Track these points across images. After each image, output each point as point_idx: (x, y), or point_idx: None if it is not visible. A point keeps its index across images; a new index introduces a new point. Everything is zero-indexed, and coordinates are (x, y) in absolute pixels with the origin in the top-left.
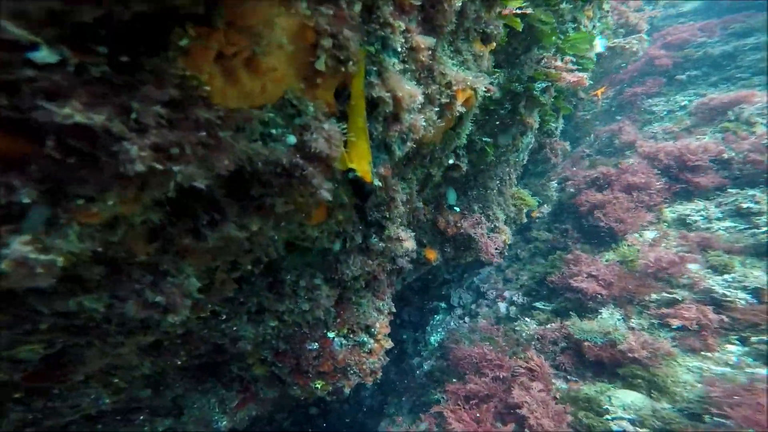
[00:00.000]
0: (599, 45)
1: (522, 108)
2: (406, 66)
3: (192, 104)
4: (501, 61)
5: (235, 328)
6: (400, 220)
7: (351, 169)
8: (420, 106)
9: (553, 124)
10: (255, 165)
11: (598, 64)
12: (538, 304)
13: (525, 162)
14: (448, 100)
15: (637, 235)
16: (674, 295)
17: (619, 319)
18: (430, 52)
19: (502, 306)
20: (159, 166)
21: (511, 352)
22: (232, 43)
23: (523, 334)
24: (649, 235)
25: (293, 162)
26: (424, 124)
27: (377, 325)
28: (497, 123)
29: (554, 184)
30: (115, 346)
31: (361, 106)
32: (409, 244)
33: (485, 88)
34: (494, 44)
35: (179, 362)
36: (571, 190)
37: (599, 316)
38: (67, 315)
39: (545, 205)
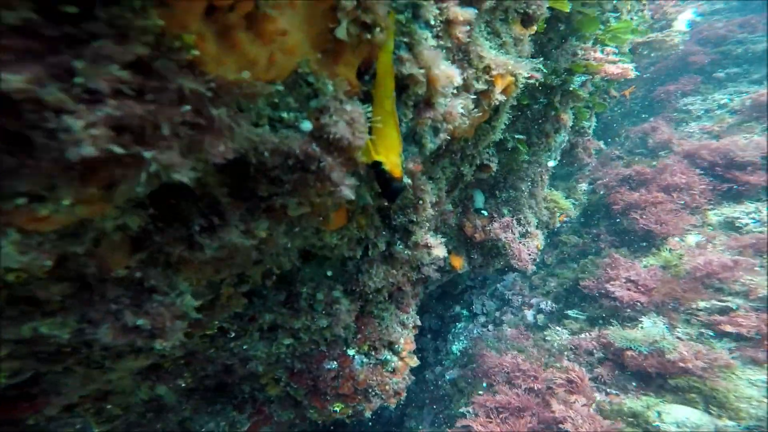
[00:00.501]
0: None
1: (557, 103)
2: (440, 43)
3: (170, 69)
4: (534, 53)
5: (245, 347)
6: (428, 224)
7: (377, 162)
8: (455, 92)
9: (587, 122)
10: (261, 155)
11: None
12: (570, 313)
13: (557, 162)
14: (485, 87)
15: (678, 239)
16: (727, 303)
17: (663, 327)
18: (468, 29)
19: (529, 314)
20: (120, 150)
21: (545, 362)
22: None
23: (555, 344)
24: (693, 239)
25: (309, 152)
26: (461, 111)
27: (401, 341)
28: (530, 119)
29: (583, 186)
30: (102, 371)
31: (390, 85)
32: (439, 251)
33: (528, 74)
34: (535, 27)
35: (183, 384)
36: (602, 191)
37: (640, 325)
38: (30, 341)
39: (572, 209)
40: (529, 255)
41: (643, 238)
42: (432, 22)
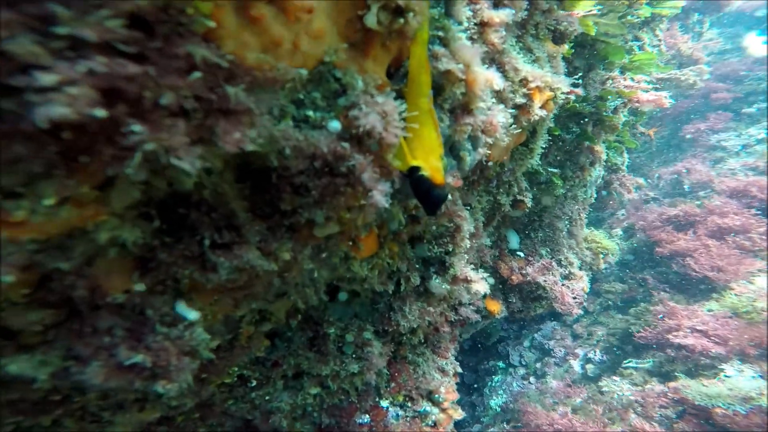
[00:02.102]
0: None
1: (591, 132)
2: (474, 47)
3: (178, 33)
4: None
5: (267, 398)
6: (467, 256)
7: (414, 167)
8: (493, 101)
9: (619, 158)
10: (284, 156)
11: None
12: (630, 363)
13: (594, 200)
14: (524, 101)
15: (745, 282)
16: None
17: (753, 377)
18: (503, 35)
19: (576, 364)
20: (99, 113)
21: (606, 419)
22: None
23: (615, 397)
24: (762, 281)
25: (337, 151)
26: (502, 120)
27: (441, 389)
28: (563, 151)
29: (618, 231)
30: (99, 425)
31: (426, 80)
32: (480, 286)
33: (567, 89)
34: (566, 47)
35: None
36: (643, 235)
37: (721, 374)
38: (4, 384)
39: (610, 255)
40: (575, 298)
41: (700, 284)
42: (465, 24)
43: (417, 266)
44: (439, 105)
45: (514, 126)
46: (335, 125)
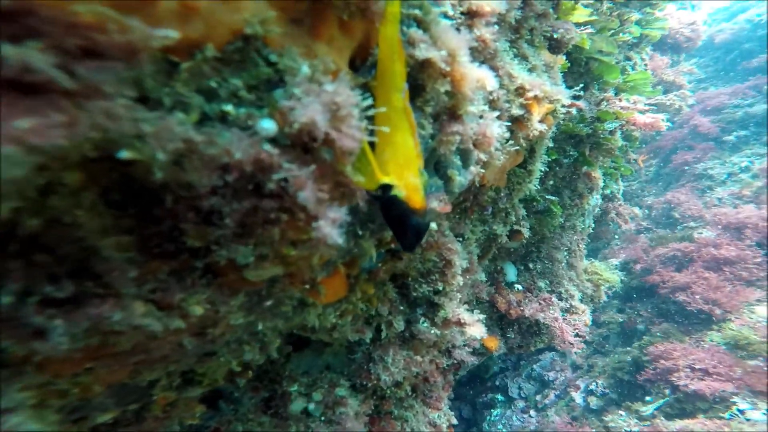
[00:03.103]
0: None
1: (588, 156)
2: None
3: None
4: None
5: None
6: (459, 295)
7: (385, 186)
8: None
9: (614, 186)
10: (174, 169)
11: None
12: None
13: (592, 230)
14: (521, 113)
15: (746, 312)
16: None
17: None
18: (494, 31)
19: (578, 396)
20: None
21: None
22: None
23: None
24: (763, 310)
25: (261, 158)
26: (497, 132)
27: None
28: (559, 177)
29: (615, 262)
30: None
31: (400, 69)
32: (476, 330)
33: (569, 102)
34: (563, 58)
35: None
36: (639, 269)
37: (734, 408)
38: None
39: (619, 281)
40: (577, 334)
41: (697, 316)
42: (449, 11)
43: (401, 308)
44: (418, 108)
45: (511, 142)
46: (267, 125)
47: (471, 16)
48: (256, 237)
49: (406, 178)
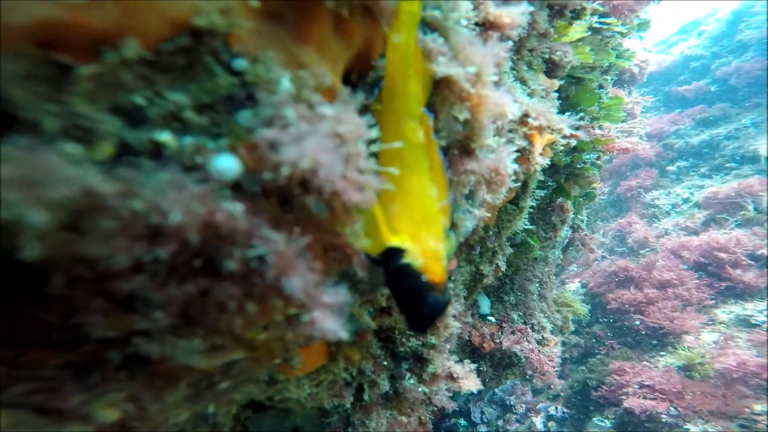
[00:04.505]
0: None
1: (565, 186)
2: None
3: None
4: None
5: None
6: (448, 345)
7: (393, 250)
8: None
9: (580, 216)
10: (77, 225)
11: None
12: (596, 420)
13: (560, 261)
14: (524, 144)
15: (692, 338)
16: None
17: None
18: (509, 47)
19: (539, 421)
20: None
21: None
22: None
23: None
24: (709, 337)
25: (222, 221)
26: (510, 168)
27: None
28: (536, 208)
29: (571, 287)
30: None
31: (416, 90)
32: (470, 383)
33: (569, 132)
34: (557, 82)
35: None
36: (594, 289)
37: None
38: None
39: (587, 312)
40: (552, 365)
41: (650, 338)
42: (464, 22)
43: (385, 363)
44: None
45: (513, 178)
46: (227, 165)
47: (486, 28)
48: (206, 327)
49: (423, 241)
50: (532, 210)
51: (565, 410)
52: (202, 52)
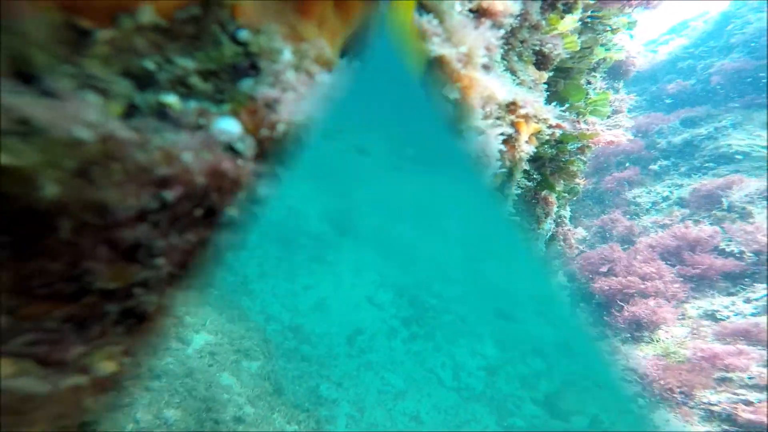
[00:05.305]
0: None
1: (550, 179)
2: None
3: None
4: None
5: None
6: None
7: None
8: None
9: (563, 211)
10: (87, 174)
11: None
12: None
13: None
14: (510, 131)
15: (662, 331)
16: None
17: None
18: (500, 36)
19: None
20: None
21: None
22: None
23: None
24: (680, 331)
25: (226, 170)
26: (497, 150)
27: None
28: (520, 201)
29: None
30: None
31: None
32: None
33: (555, 122)
34: (546, 76)
35: None
36: (581, 279)
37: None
38: None
39: None
40: None
41: (630, 328)
42: (458, 8)
43: None
44: None
45: (499, 164)
46: (227, 125)
47: (480, 15)
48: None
49: None
50: (515, 203)
51: None
52: (209, 22)
